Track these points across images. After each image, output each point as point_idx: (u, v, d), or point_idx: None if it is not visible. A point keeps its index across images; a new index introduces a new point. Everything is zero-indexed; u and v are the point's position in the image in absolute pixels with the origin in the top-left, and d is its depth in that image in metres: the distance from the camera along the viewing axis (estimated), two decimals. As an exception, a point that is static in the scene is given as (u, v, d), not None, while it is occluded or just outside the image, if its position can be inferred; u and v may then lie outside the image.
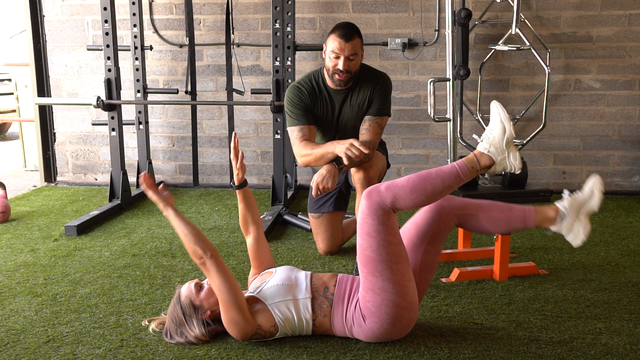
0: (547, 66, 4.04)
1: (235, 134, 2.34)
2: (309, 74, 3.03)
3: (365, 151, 2.63)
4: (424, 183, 2.05)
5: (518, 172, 2.19)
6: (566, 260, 3.03)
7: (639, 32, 4.35)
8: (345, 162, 2.68)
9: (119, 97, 4.07)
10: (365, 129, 2.92)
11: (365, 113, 2.94)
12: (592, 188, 2.20)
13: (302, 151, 2.88)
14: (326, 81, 2.95)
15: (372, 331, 2.05)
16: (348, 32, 2.78)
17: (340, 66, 2.79)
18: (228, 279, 2.00)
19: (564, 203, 2.18)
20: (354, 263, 2.91)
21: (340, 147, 2.70)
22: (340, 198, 3.16)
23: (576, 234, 2.18)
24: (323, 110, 2.98)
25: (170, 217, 2.06)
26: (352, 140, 2.67)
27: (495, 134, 2.18)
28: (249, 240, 2.37)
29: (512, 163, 2.18)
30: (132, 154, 4.79)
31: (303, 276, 2.17)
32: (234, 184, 2.34)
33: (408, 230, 2.23)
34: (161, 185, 2.12)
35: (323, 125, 3.02)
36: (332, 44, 2.79)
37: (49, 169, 5.04)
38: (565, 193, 2.20)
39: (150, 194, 2.07)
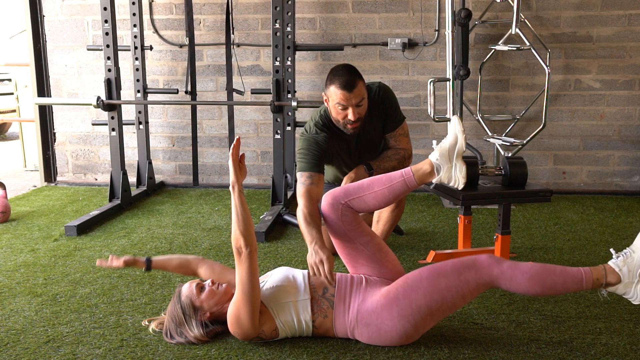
0: (547, 66, 4.04)
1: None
2: (316, 119, 2.88)
3: (332, 284, 2.28)
4: (545, 276, 2.01)
5: (637, 303, 2.07)
6: (566, 260, 3.03)
7: (639, 32, 4.35)
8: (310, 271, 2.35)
9: (119, 97, 4.07)
10: (393, 144, 2.92)
11: (385, 128, 2.91)
12: (454, 131, 2.24)
13: (301, 206, 2.58)
14: (334, 123, 2.84)
15: (378, 332, 2.04)
16: (349, 79, 2.62)
17: (350, 117, 2.67)
18: (254, 279, 2.00)
19: (435, 154, 2.22)
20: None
21: (311, 249, 2.30)
22: None
23: (456, 179, 2.22)
24: (342, 149, 2.93)
25: (234, 196, 2.04)
26: (328, 258, 2.24)
27: (635, 257, 2.07)
28: (203, 271, 2.35)
29: (637, 292, 2.06)
30: (132, 154, 4.79)
31: (301, 276, 2.16)
32: (145, 268, 2.33)
33: (338, 245, 2.25)
34: (241, 156, 2.12)
35: (342, 158, 2.98)
36: (335, 96, 2.64)
37: (49, 169, 5.04)
38: (434, 143, 2.22)
39: (231, 163, 2.06)
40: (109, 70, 3.99)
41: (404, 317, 2.01)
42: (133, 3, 4.35)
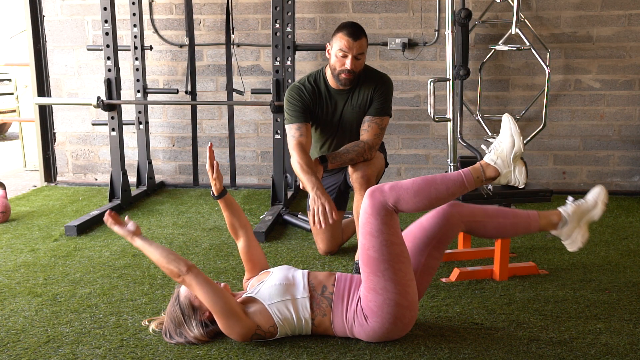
0: (547, 66, 4.04)
1: (211, 143, 2.36)
2: (310, 74, 3.02)
3: (330, 221, 2.56)
4: (429, 187, 2.06)
5: (522, 186, 2.23)
6: (566, 260, 3.03)
7: (639, 32, 4.35)
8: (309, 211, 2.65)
9: (119, 97, 4.07)
10: (364, 130, 2.93)
11: (366, 113, 2.94)
12: (597, 199, 2.23)
13: (296, 158, 2.83)
14: (328, 81, 2.95)
15: (374, 330, 2.06)
16: (355, 31, 2.78)
17: (347, 65, 2.79)
18: (212, 288, 2.01)
19: (567, 209, 2.19)
20: (354, 263, 2.91)
21: (312, 194, 2.61)
22: (339, 197, 3.16)
23: (574, 241, 2.21)
24: (324, 111, 2.98)
25: (140, 246, 2.07)
26: (329, 201, 2.56)
27: (504, 147, 2.21)
28: (240, 244, 2.38)
29: (517, 177, 2.22)
30: (132, 154, 4.79)
31: (300, 275, 2.17)
32: (214, 194, 2.33)
33: (413, 233, 2.23)
34: (126, 218, 2.14)
35: (323, 125, 3.02)
36: (340, 42, 2.78)
37: (49, 169, 5.03)
38: (569, 199, 2.20)
39: (116, 229, 2.09)
40: (109, 70, 3.99)
41: (383, 304, 2.02)
42: (133, 3, 4.35)
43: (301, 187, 2.96)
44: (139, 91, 4.51)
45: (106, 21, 3.93)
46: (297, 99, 2.93)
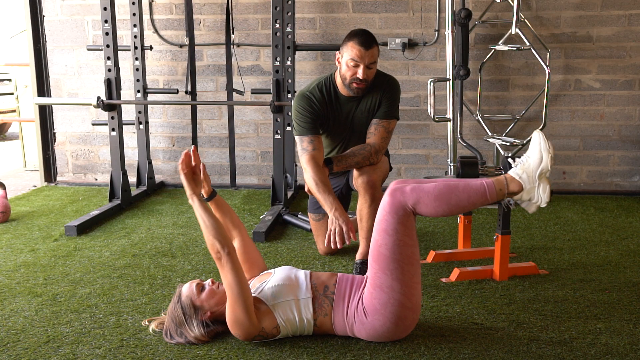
0: (547, 66, 4.04)
1: (194, 146, 2.27)
2: (318, 81, 2.95)
3: (347, 242, 2.60)
4: (450, 194, 2.05)
5: (544, 205, 2.17)
6: (566, 260, 3.03)
7: (639, 32, 4.35)
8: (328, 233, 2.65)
9: (119, 97, 4.07)
10: (371, 133, 2.90)
11: (373, 116, 2.92)
12: (539, 149, 2.18)
13: (310, 174, 2.79)
14: (337, 88, 2.90)
15: (374, 329, 2.06)
16: (367, 39, 2.72)
17: (359, 75, 2.73)
18: (240, 278, 1.99)
19: (517, 171, 2.15)
20: (354, 263, 2.92)
21: (331, 216, 2.63)
22: (341, 200, 3.15)
23: (539, 198, 2.15)
24: (334, 118, 2.94)
25: (195, 206, 2.05)
26: (347, 223, 2.58)
27: (531, 162, 2.17)
28: (235, 244, 2.36)
29: (540, 195, 2.17)
30: (132, 154, 4.79)
31: (303, 275, 2.17)
32: (203, 196, 2.29)
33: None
34: (203, 166, 2.13)
35: (333, 132, 2.99)
36: (351, 51, 2.72)
37: (49, 169, 5.04)
38: (513, 162, 2.17)
39: (183, 178, 2.07)
40: (109, 70, 3.99)
41: (387, 303, 2.02)
42: (133, 3, 4.35)
43: (306, 189, 2.96)
44: (139, 91, 4.51)
45: (106, 21, 3.93)
46: (307, 109, 2.87)
